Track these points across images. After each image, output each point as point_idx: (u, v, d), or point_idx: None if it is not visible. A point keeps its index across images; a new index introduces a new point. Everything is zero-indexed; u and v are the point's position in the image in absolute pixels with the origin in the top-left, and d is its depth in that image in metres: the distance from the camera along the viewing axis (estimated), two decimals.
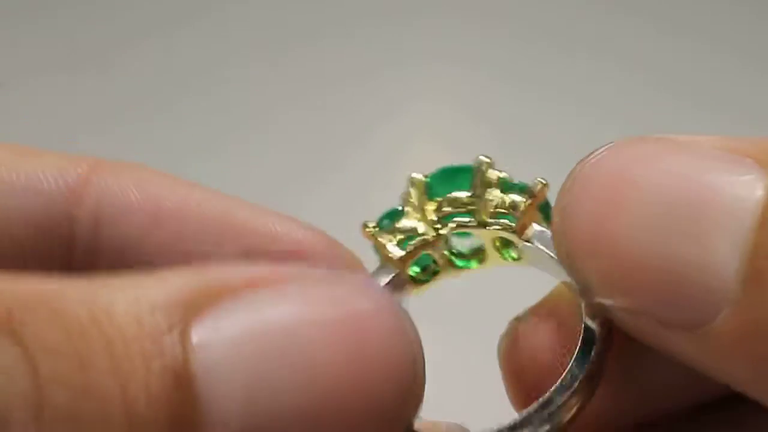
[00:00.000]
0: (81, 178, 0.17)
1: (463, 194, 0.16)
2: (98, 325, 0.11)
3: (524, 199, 0.15)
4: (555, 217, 0.15)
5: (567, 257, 0.14)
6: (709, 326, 0.13)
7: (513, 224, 0.16)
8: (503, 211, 0.16)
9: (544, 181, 0.16)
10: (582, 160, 0.15)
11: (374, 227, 0.16)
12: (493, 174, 0.16)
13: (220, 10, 0.70)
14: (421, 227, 0.16)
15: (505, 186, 0.16)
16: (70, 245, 0.17)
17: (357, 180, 0.57)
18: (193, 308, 0.12)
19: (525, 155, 0.60)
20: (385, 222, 0.16)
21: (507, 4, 0.71)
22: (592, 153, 0.15)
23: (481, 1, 0.71)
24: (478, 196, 0.16)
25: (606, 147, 0.15)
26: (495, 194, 0.15)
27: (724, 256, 0.12)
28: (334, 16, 0.70)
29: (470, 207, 0.16)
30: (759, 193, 0.13)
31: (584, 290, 0.14)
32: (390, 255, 0.16)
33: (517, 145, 0.61)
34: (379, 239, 0.16)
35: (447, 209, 0.16)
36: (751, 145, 0.13)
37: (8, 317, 0.11)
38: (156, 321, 0.12)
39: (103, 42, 0.67)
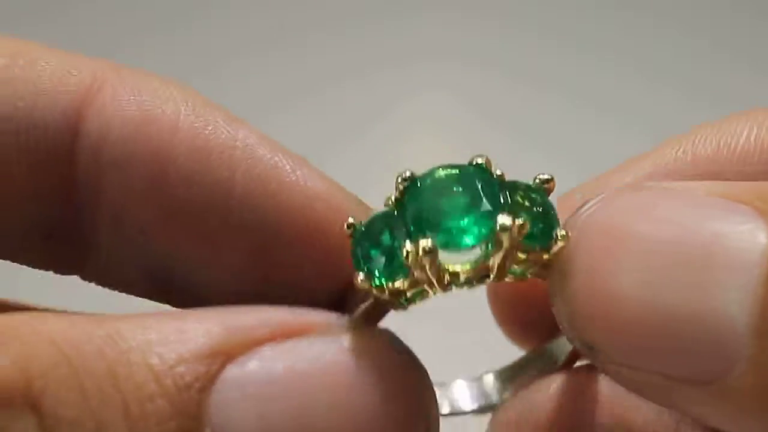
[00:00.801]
0: (87, 93, 0.16)
1: (468, 257, 0.14)
2: (116, 384, 0.12)
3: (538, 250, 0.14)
4: (550, 277, 0.14)
5: (567, 318, 0.14)
6: (722, 381, 0.12)
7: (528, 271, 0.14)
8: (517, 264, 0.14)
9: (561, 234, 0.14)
10: (574, 213, 0.14)
11: (369, 279, 0.14)
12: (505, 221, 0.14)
13: (217, 5, 0.70)
14: (428, 290, 0.14)
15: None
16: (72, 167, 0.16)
17: (354, 175, 0.57)
18: (213, 365, 0.12)
19: (526, 149, 0.60)
20: (380, 278, 0.14)
21: (516, 2, 0.71)
22: (583, 205, 0.14)
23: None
24: (485, 256, 0.14)
25: (597, 199, 0.14)
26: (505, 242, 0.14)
27: (733, 309, 0.12)
28: (332, 10, 0.70)
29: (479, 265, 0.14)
30: (762, 242, 0.12)
31: (587, 350, 0.14)
32: (386, 298, 0.15)
33: (518, 138, 0.61)
34: (376, 293, 0.15)
35: (454, 270, 0.14)
36: (747, 191, 0.13)
37: (27, 387, 0.11)
38: (174, 379, 0.12)
39: (103, 43, 0.67)
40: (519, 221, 0.14)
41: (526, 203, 0.15)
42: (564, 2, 0.70)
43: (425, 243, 0.13)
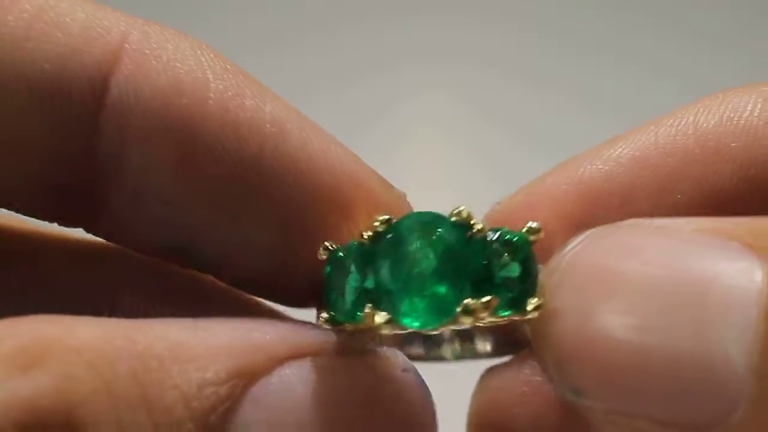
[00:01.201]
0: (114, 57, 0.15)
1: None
2: (148, 407, 0.12)
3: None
4: (534, 314, 0.14)
5: (553, 362, 0.14)
6: (724, 425, 0.12)
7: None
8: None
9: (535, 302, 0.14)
10: (558, 253, 0.14)
11: (332, 319, 0.15)
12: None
13: (216, 5, 0.70)
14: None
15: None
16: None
17: None
18: (237, 387, 0.13)
19: (526, 149, 0.60)
20: (343, 317, 0.15)
21: (515, 2, 0.71)
22: (565, 246, 0.14)
23: None
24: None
25: (582, 238, 0.14)
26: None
27: (731, 349, 0.12)
28: (331, 11, 0.70)
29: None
30: (758, 280, 0.12)
31: (574, 397, 0.14)
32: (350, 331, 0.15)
33: (518, 138, 0.61)
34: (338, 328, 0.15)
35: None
36: (737, 227, 0.13)
37: (68, 414, 0.11)
38: (201, 402, 0.12)
39: None
40: (485, 300, 0.14)
41: (505, 261, 0.14)
42: (564, 2, 0.70)
43: (383, 317, 0.14)
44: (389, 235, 0.14)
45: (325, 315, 0.15)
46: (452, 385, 0.21)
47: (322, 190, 0.15)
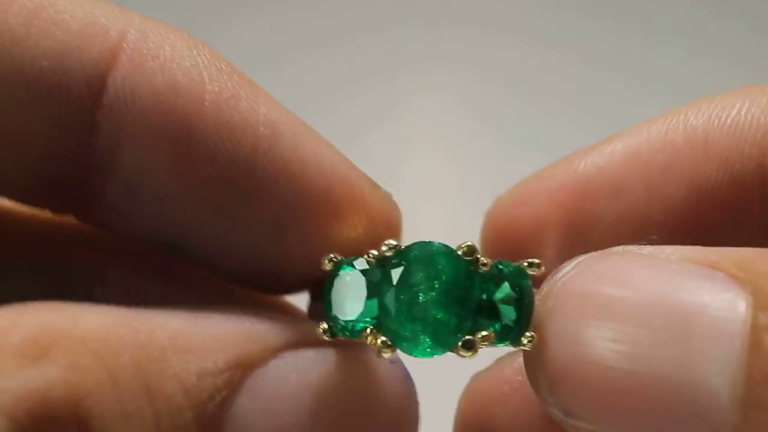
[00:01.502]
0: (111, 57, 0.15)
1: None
2: (150, 396, 0.12)
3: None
4: (527, 346, 0.14)
5: (545, 384, 0.14)
6: None
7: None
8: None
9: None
10: (549, 280, 0.14)
11: (329, 330, 0.15)
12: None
13: (215, 14, 0.71)
14: None
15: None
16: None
17: None
18: (234, 377, 0.13)
19: (524, 156, 0.60)
20: (342, 331, 0.15)
21: (509, 11, 0.71)
22: (557, 272, 0.14)
23: (481, 7, 0.71)
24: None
25: (573, 264, 0.14)
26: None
27: (715, 380, 0.12)
28: (329, 21, 0.70)
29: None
30: (742, 311, 0.12)
31: (564, 418, 0.14)
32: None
33: (516, 145, 0.61)
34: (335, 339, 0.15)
35: None
36: (723, 258, 0.13)
37: (76, 405, 0.12)
38: (200, 391, 0.13)
39: None
40: (483, 334, 0.15)
41: (505, 294, 0.15)
42: (562, 10, 0.71)
43: (383, 342, 0.15)
44: (395, 261, 0.15)
45: (324, 326, 0.15)
46: (439, 381, 0.21)
47: (314, 191, 0.16)
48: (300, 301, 0.18)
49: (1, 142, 0.15)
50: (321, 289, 0.16)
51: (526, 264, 0.15)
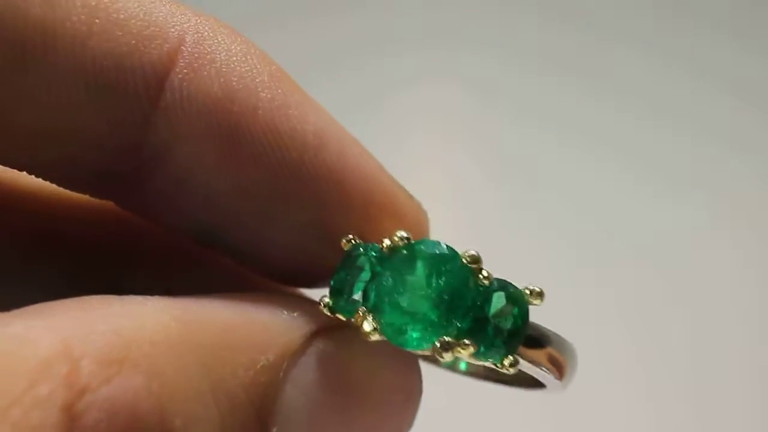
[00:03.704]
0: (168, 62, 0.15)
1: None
2: (216, 397, 0.13)
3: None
4: (510, 370, 0.15)
5: None
6: None
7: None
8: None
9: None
10: None
11: (330, 305, 0.16)
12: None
13: None
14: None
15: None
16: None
17: None
18: (281, 368, 0.14)
19: (527, 136, 0.60)
20: (340, 310, 0.16)
21: (509, 31, 0.70)
22: None
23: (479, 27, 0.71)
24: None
25: None
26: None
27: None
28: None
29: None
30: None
31: None
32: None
33: (520, 125, 0.61)
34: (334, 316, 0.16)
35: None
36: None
37: (161, 417, 0.12)
38: (258, 386, 0.13)
39: None
40: (464, 341, 0.15)
41: (503, 312, 0.15)
42: (568, 32, 0.70)
43: (369, 325, 0.15)
44: (404, 252, 0.16)
45: (326, 299, 0.16)
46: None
47: (355, 198, 0.16)
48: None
49: (56, 135, 0.15)
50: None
51: (528, 291, 0.16)
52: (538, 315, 0.16)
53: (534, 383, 0.17)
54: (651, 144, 0.60)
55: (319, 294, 0.17)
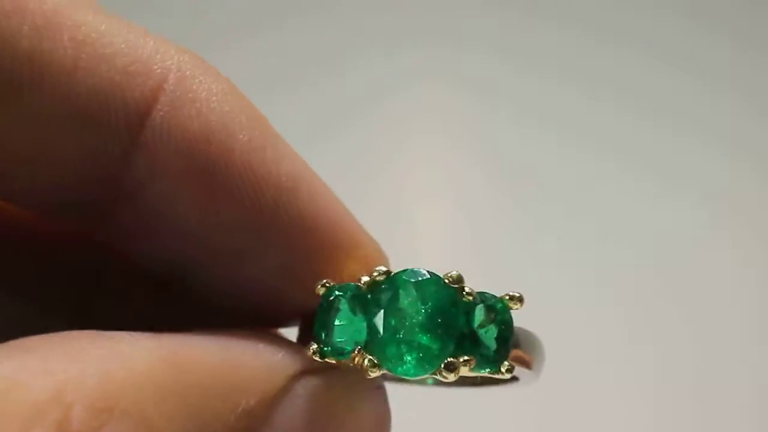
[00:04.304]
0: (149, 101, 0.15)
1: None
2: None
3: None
4: (506, 375, 0.16)
5: None
6: None
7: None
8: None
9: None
10: None
11: (319, 351, 0.16)
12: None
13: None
14: None
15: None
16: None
17: (353, 160, 0.57)
18: (263, 412, 0.14)
19: (524, 137, 0.60)
20: (331, 353, 0.16)
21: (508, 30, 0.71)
22: None
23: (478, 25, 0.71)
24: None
25: None
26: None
27: None
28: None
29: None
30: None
31: None
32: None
33: (516, 126, 0.61)
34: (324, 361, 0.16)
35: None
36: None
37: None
38: (239, 430, 0.13)
39: None
40: (466, 358, 0.16)
41: (487, 324, 0.16)
42: (568, 34, 0.70)
43: (370, 362, 0.15)
44: (385, 286, 0.16)
45: (314, 347, 0.16)
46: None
47: (324, 242, 0.17)
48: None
49: (33, 166, 0.15)
50: (312, 318, 0.17)
51: (507, 297, 0.16)
52: (536, 315, 0.17)
53: (500, 382, 0.18)
54: (650, 144, 0.60)
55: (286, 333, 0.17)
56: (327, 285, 0.16)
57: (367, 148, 0.59)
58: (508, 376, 0.16)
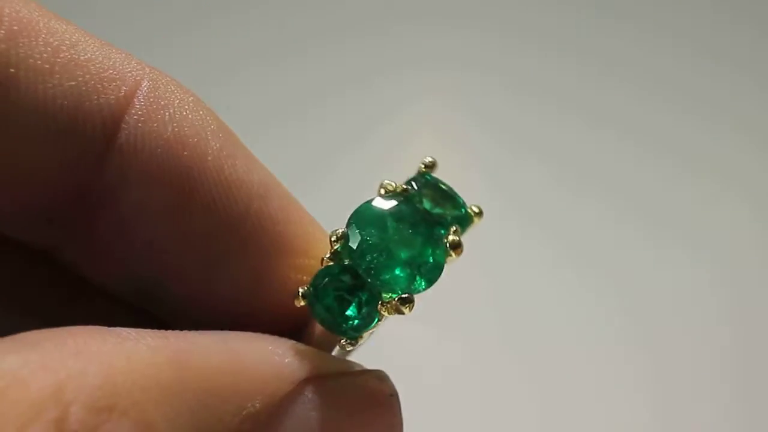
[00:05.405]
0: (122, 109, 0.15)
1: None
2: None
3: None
4: (481, 215, 0.16)
5: None
6: None
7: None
8: None
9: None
10: None
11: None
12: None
13: (217, 14, 0.71)
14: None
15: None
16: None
17: (355, 181, 0.57)
18: (269, 414, 0.14)
19: (523, 155, 0.60)
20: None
21: (516, 11, 0.71)
22: None
23: (486, 7, 0.72)
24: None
25: None
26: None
27: None
28: (331, 19, 0.70)
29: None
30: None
31: None
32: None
33: (516, 145, 0.61)
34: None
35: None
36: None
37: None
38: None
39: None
40: (452, 229, 0.16)
41: (433, 201, 0.16)
42: (563, 10, 0.71)
43: (397, 298, 0.15)
44: (346, 238, 0.15)
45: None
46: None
47: (294, 249, 0.17)
48: None
49: (5, 174, 0.15)
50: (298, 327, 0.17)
51: (422, 166, 0.17)
52: (536, 315, 0.16)
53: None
54: (650, 183, 0.60)
55: None
56: (305, 290, 0.16)
57: (373, 165, 0.59)
58: (478, 209, 0.16)
